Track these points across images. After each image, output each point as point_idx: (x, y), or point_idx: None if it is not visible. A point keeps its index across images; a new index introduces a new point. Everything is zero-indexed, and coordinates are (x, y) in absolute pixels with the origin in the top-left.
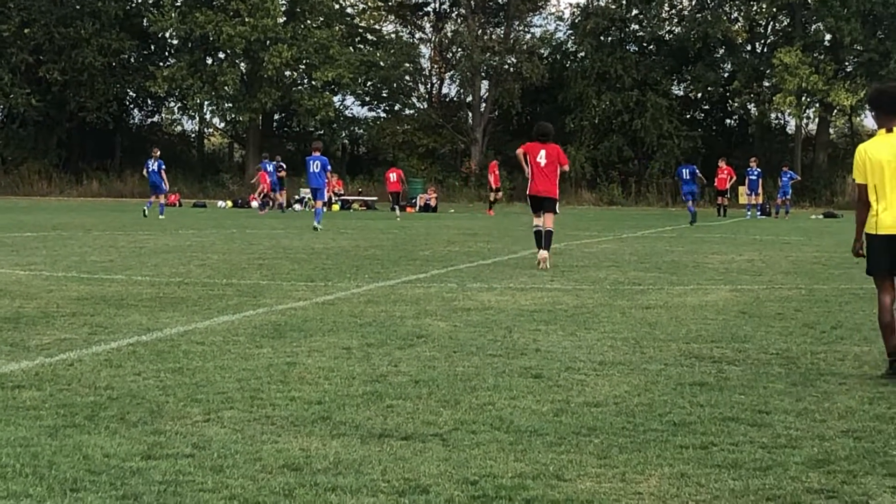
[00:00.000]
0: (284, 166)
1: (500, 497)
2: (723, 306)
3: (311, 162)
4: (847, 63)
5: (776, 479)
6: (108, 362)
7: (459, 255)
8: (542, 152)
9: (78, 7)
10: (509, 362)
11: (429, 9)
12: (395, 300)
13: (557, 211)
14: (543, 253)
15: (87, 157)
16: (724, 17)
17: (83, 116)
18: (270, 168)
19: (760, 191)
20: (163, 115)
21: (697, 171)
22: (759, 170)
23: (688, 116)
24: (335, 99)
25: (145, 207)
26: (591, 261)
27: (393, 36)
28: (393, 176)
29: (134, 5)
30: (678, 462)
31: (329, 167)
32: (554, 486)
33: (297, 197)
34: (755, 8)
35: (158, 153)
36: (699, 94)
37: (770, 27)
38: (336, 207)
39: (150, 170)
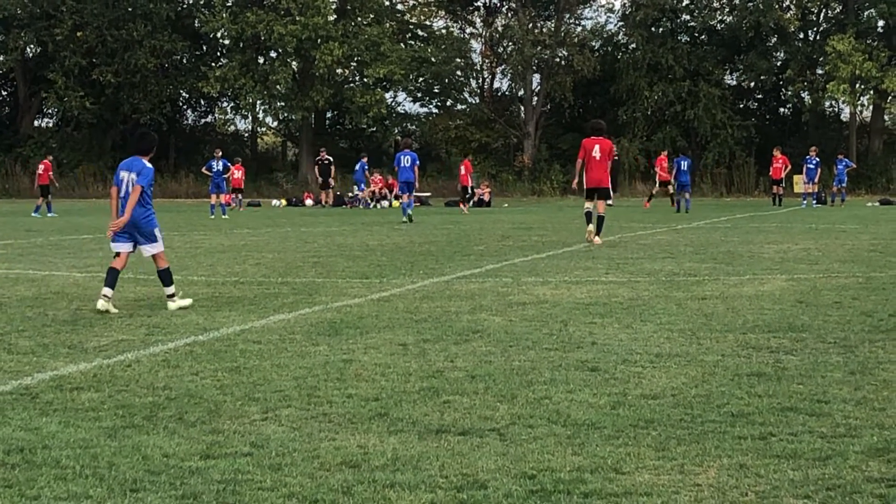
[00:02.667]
0: (331, 159)
1: (559, 491)
2: (779, 296)
3: (402, 157)
4: None
5: (836, 468)
6: (165, 363)
7: (514, 250)
8: (597, 147)
9: (130, 9)
10: (565, 356)
11: (479, 3)
12: (451, 296)
13: (611, 197)
14: (591, 226)
15: None
16: (776, 6)
17: (137, 118)
18: (219, 166)
19: (817, 179)
20: (216, 115)
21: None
22: (817, 159)
23: (741, 106)
24: (387, 95)
25: (223, 211)
26: (646, 252)
27: (443, 31)
28: (463, 169)
29: (185, 6)
30: (737, 453)
31: (418, 162)
32: (612, 479)
33: (350, 195)
34: None
35: (221, 153)
36: (752, 84)
37: (822, 14)
38: (396, 203)
39: (214, 169)
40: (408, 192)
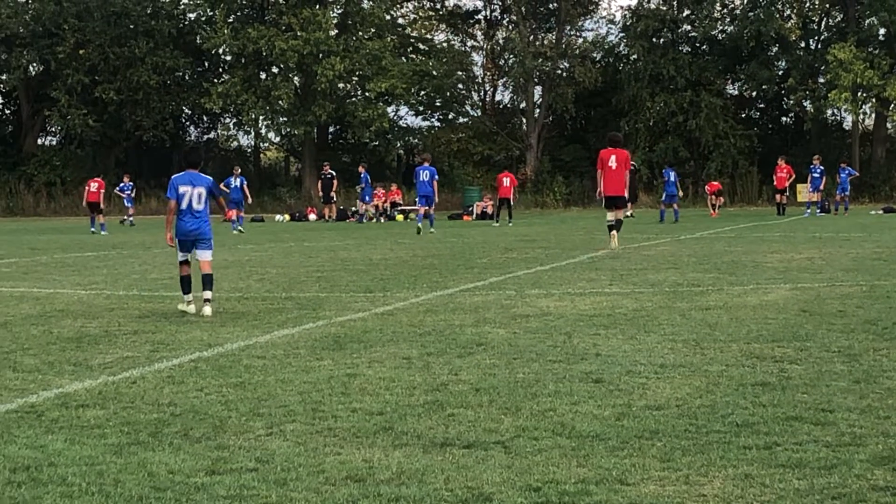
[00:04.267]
0: (334, 173)
1: (564, 503)
2: (783, 305)
3: (421, 172)
4: None
5: (841, 477)
6: (170, 379)
7: (517, 262)
8: (613, 157)
9: (132, 27)
10: (569, 368)
11: (480, 16)
12: (454, 309)
13: (628, 207)
14: (615, 233)
15: (145, 176)
16: (777, 15)
17: (140, 135)
18: (237, 183)
19: (822, 187)
20: (218, 131)
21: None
22: (822, 167)
23: (743, 115)
24: (389, 109)
25: (238, 226)
26: (649, 263)
27: (445, 45)
28: (506, 180)
29: (187, 23)
30: (742, 463)
31: (437, 176)
32: (617, 490)
33: (353, 209)
34: (808, 4)
35: (240, 171)
36: (754, 93)
37: (823, 23)
38: (400, 217)
39: (232, 186)
40: (426, 206)
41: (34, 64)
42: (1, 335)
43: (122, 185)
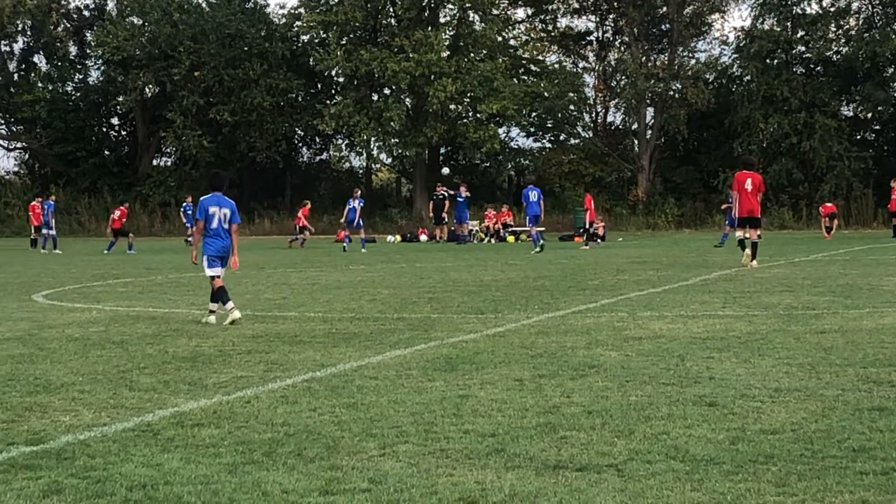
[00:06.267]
0: (446, 194)
1: None
2: None
3: (530, 192)
4: None
5: None
6: (283, 399)
7: (629, 284)
8: (749, 180)
9: (246, 49)
10: (683, 391)
11: (592, 38)
12: (566, 330)
13: (761, 226)
14: (748, 251)
15: (258, 196)
16: (893, 36)
17: (253, 156)
18: (355, 204)
19: None
20: (331, 152)
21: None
22: None
23: (858, 137)
24: (500, 131)
25: (344, 244)
26: (763, 286)
27: (556, 66)
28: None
29: (300, 45)
30: (859, 489)
31: (543, 197)
32: None
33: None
34: None
35: (359, 193)
36: (869, 115)
37: None
38: (511, 239)
39: (350, 207)
40: (535, 224)
41: (150, 86)
42: (118, 354)
43: (184, 205)
